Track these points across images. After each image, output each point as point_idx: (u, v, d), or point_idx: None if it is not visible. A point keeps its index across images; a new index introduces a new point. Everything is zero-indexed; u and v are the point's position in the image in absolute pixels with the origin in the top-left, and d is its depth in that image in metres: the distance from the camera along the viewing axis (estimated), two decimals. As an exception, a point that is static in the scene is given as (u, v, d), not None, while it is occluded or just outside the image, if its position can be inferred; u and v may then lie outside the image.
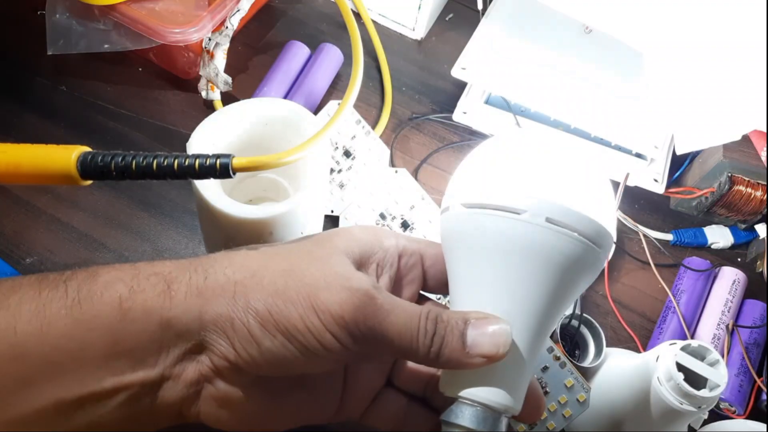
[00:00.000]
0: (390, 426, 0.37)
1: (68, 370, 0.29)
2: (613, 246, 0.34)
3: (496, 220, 0.32)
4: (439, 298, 0.44)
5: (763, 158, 0.55)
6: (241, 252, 0.32)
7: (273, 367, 0.31)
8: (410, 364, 0.37)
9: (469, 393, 0.32)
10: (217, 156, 0.32)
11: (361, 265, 0.34)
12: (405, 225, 0.52)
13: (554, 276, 0.32)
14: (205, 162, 0.32)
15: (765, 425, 0.46)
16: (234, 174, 0.33)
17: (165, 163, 0.32)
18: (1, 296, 0.29)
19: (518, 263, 0.31)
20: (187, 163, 0.32)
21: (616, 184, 0.54)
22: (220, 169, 0.32)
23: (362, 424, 0.37)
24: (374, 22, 0.63)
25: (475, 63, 0.57)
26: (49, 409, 0.29)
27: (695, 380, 0.39)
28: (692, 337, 0.51)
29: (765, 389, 0.49)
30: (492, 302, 0.32)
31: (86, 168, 0.32)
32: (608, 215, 0.33)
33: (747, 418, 0.48)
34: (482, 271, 0.32)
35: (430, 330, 0.31)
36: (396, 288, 0.36)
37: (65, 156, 0.32)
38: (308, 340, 0.30)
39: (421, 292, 0.38)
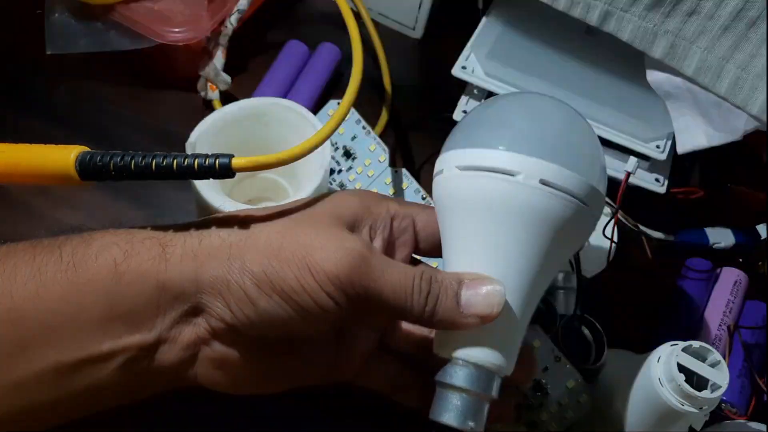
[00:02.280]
0: (384, 388, 0.38)
1: (65, 333, 0.29)
2: (604, 204, 0.35)
3: (491, 181, 0.32)
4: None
5: (764, 159, 0.55)
6: (234, 214, 0.33)
7: (269, 327, 0.31)
8: (403, 326, 0.38)
9: (462, 353, 0.32)
10: (217, 156, 0.32)
11: (354, 227, 0.34)
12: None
13: (547, 237, 0.32)
14: (205, 162, 0.32)
15: (766, 426, 0.46)
16: (234, 174, 0.33)
17: (164, 163, 0.32)
18: None
19: (512, 224, 0.32)
20: (186, 162, 0.32)
21: (617, 185, 0.54)
22: (219, 168, 0.32)
23: (356, 385, 0.38)
24: (374, 21, 0.63)
25: (475, 62, 0.57)
26: (48, 373, 0.29)
27: (697, 381, 0.39)
28: (693, 338, 0.51)
29: (766, 390, 0.49)
30: (485, 263, 0.33)
31: (85, 168, 0.32)
32: (599, 174, 0.34)
33: (748, 419, 0.48)
34: (476, 233, 0.33)
35: (424, 290, 0.31)
36: (389, 250, 0.36)
37: (64, 156, 0.32)
38: (304, 300, 0.30)
39: (414, 255, 0.38)
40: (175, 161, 0.32)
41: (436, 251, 0.36)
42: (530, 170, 0.32)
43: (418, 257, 0.39)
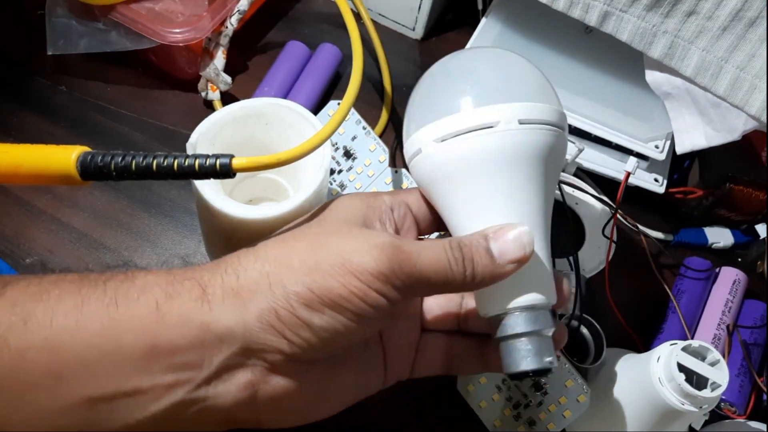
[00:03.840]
0: (442, 368, 0.39)
1: (101, 367, 0.28)
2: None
3: (475, 139, 0.33)
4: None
5: (763, 158, 0.55)
6: (260, 245, 0.33)
7: (328, 344, 0.31)
8: (435, 305, 0.39)
9: (513, 303, 0.34)
10: (217, 156, 0.32)
11: (367, 225, 0.35)
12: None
13: (540, 169, 0.34)
14: (205, 162, 0.32)
15: (766, 425, 0.46)
16: (234, 174, 0.33)
17: (165, 163, 0.32)
18: (42, 289, 0.29)
19: (508, 169, 0.34)
20: (186, 163, 0.32)
21: (616, 184, 0.54)
22: (220, 169, 0.32)
23: (415, 379, 0.39)
24: (374, 22, 0.63)
25: (475, 63, 0.57)
26: (80, 406, 0.28)
27: (696, 381, 0.39)
28: (693, 338, 0.51)
29: (765, 389, 0.49)
30: (498, 214, 0.34)
31: (86, 168, 0.32)
32: (556, 97, 0.36)
33: (747, 418, 0.48)
34: (478, 191, 0.34)
35: (458, 257, 0.32)
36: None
37: (65, 156, 0.32)
38: (356, 305, 0.30)
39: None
40: (175, 162, 0.32)
41: (433, 227, 0.38)
42: (506, 116, 0.33)
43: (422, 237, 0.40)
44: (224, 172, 0.32)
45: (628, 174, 0.53)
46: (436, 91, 0.36)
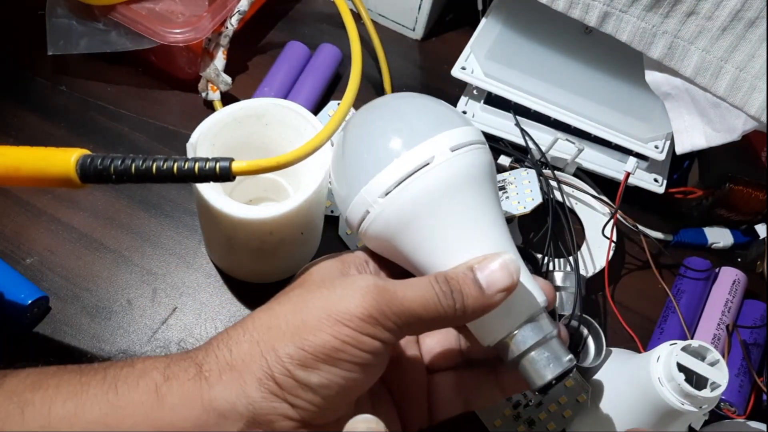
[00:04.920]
0: (461, 406, 0.38)
1: None
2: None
3: (418, 182, 0.34)
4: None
5: (763, 159, 0.55)
6: (248, 317, 0.32)
7: (332, 401, 0.30)
8: (435, 343, 0.38)
9: (512, 324, 0.34)
10: (217, 160, 0.33)
11: (344, 275, 0.35)
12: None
13: (487, 183, 0.35)
14: (205, 165, 0.32)
15: (765, 425, 0.46)
16: (233, 178, 0.33)
17: (164, 166, 0.32)
18: (43, 377, 0.29)
19: (462, 196, 0.34)
20: (186, 166, 0.32)
21: (616, 185, 0.54)
22: (219, 172, 0.32)
23: (437, 423, 0.38)
24: (374, 22, 0.63)
25: (475, 63, 0.57)
26: None
27: (696, 381, 0.39)
28: (692, 338, 0.51)
29: (765, 389, 0.49)
30: (470, 244, 0.34)
31: (85, 171, 0.32)
32: (463, 117, 0.38)
33: (747, 418, 0.48)
34: (440, 228, 0.34)
35: (446, 290, 0.31)
36: None
37: (64, 159, 0.32)
38: (350, 353, 0.30)
39: None
40: (175, 165, 0.32)
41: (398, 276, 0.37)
42: (438, 149, 0.34)
43: None
44: (224, 175, 0.33)
45: (628, 174, 0.53)
46: (360, 149, 0.36)
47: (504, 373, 0.37)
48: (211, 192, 0.41)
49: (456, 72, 0.57)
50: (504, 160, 0.56)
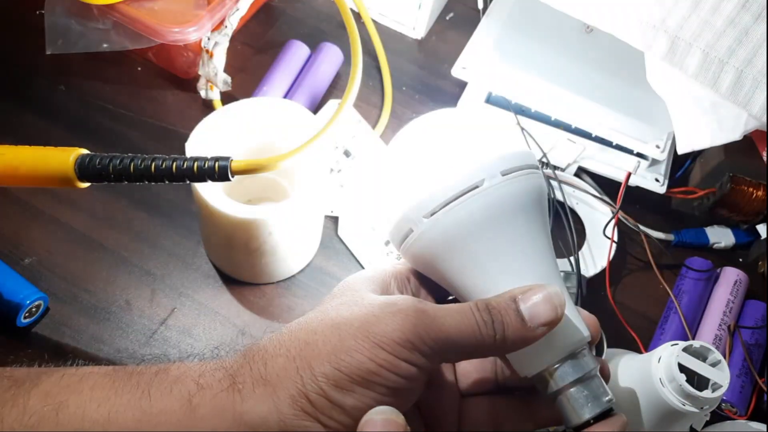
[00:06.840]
0: (491, 428, 0.36)
1: None
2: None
3: (465, 206, 0.32)
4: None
5: (764, 158, 0.55)
6: (285, 329, 0.32)
7: None
8: (470, 367, 0.37)
9: (553, 358, 0.32)
10: (216, 159, 0.32)
11: (384, 291, 0.34)
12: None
13: (534, 213, 0.33)
14: (204, 165, 0.32)
15: (766, 426, 0.46)
16: (232, 177, 0.33)
17: (163, 165, 0.32)
18: (77, 380, 0.29)
19: (509, 224, 0.33)
20: (185, 165, 0.32)
21: (617, 185, 0.54)
22: (218, 171, 0.32)
23: None
24: (374, 21, 0.63)
25: (475, 62, 0.57)
26: None
27: (697, 381, 0.39)
28: (694, 338, 0.51)
29: (766, 390, 0.49)
30: (515, 274, 0.33)
31: (84, 171, 0.32)
32: (516, 140, 0.35)
33: (748, 419, 0.48)
34: (484, 254, 0.33)
35: (487, 320, 0.31)
36: None
37: (63, 158, 0.32)
38: (386, 377, 0.29)
39: None
40: (174, 164, 0.32)
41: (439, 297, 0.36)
42: (487, 172, 0.32)
43: None
44: (223, 174, 0.32)
45: (629, 174, 0.53)
46: (409, 166, 0.35)
47: (539, 405, 0.36)
48: (210, 192, 0.41)
49: (456, 71, 0.57)
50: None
